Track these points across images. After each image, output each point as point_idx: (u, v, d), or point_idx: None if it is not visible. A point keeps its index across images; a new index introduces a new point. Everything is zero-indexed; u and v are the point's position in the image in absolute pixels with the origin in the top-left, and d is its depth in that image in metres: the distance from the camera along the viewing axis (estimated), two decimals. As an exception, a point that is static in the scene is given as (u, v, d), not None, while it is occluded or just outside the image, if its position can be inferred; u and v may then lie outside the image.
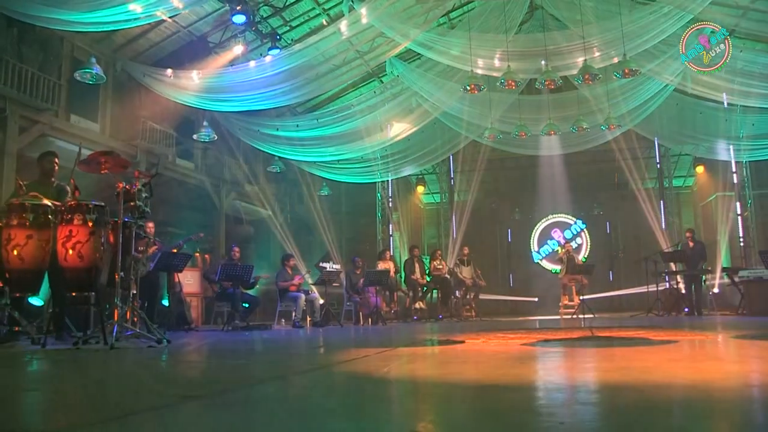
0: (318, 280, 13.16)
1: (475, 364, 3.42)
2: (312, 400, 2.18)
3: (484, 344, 5.10)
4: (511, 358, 3.68)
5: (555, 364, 3.20)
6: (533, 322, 12.22)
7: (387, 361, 3.67)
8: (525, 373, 2.81)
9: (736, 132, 17.27)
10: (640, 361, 3.27)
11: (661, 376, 2.50)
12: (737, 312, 13.13)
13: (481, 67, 13.43)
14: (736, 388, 2.15)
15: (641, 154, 21.85)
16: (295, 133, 16.32)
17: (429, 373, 2.96)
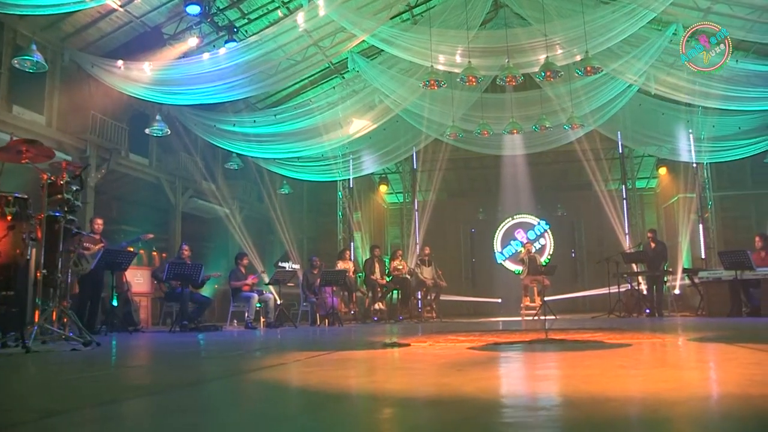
0: (271, 279, 12.74)
1: (407, 371, 3.10)
2: (178, 419, 1.83)
3: (429, 348, 4.79)
4: (450, 364, 3.37)
5: (492, 372, 2.89)
6: (493, 323, 11.97)
7: (313, 367, 3.33)
8: (454, 383, 2.49)
9: (697, 133, 17.29)
10: (586, 368, 2.97)
11: (604, 387, 2.20)
12: (696, 313, 13.06)
13: (442, 63, 13.16)
14: (683, 401, 1.86)
15: (605, 155, 21.85)
16: (252, 129, 15.88)
17: (349, 383, 2.62)
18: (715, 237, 18.42)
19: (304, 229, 23.82)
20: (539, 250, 22.97)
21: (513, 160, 20.76)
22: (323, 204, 22.59)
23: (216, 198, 19.02)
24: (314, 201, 23.68)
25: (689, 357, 3.46)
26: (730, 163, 20.39)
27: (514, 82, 11.60)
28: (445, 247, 24.60)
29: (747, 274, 11.33)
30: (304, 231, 23.78)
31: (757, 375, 2.49)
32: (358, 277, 16.15)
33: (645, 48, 14.96)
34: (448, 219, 24.75)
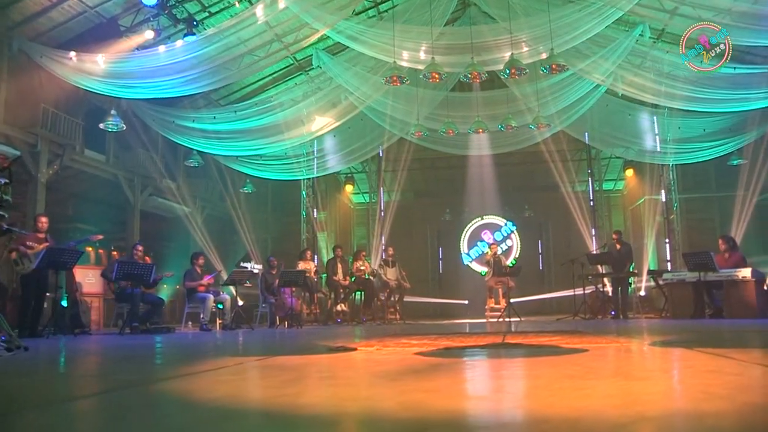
0: (227, 280, 12.32)
1: (333, 381, 2.79)
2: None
3: (374, 353, 4.49)
4: (385, 372, 3.07)
5: (427, 383, 2.60)
6: (455, 326, 11.71)
7: (233, 376, 3.01)
8: (377, 396, 2.20)
9: (663, 135, 17.26)
10: (533, 378, 2.70)
11: (543, 403, 1.94)
12: (661, 315, 12.95)
13: (406, 59, 12.87)
14: (626, 423, 1.57)
15: (573, 156, 21.79)
16: (212, 125, 15.44)
17: (257, 396, 2.32)
18: (680, 239, 18.39)
19: (268, 228, 23.39)
20: (506, 251, 22.83)
21: (480, 161, 20.60)
22: (288, 203, 22.12)
23: (176, 196, 18.55)
24: (279, 200, 23.23)
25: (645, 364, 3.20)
26: (694, 165, 20.43)
27: (478, 79, 11.37)
28: (412, 248, 24.35)
29: (710, 276, 11.23)
30: (269, 231, 23.36)
31: (713, 386, 2.23)
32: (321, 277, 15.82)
33: (612, 48, 14.89)
34: (414, 219, 24.51)
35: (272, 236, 23.20)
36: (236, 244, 22.12)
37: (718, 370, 2.84)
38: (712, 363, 3.20)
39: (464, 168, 21.32)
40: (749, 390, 2.18)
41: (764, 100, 13.99)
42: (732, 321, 9.89)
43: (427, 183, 25.04)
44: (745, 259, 11.79)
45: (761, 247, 18.69)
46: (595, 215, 20.23)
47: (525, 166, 22.08)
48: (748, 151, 17.43)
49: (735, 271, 11.02)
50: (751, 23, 12.04)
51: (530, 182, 23.32)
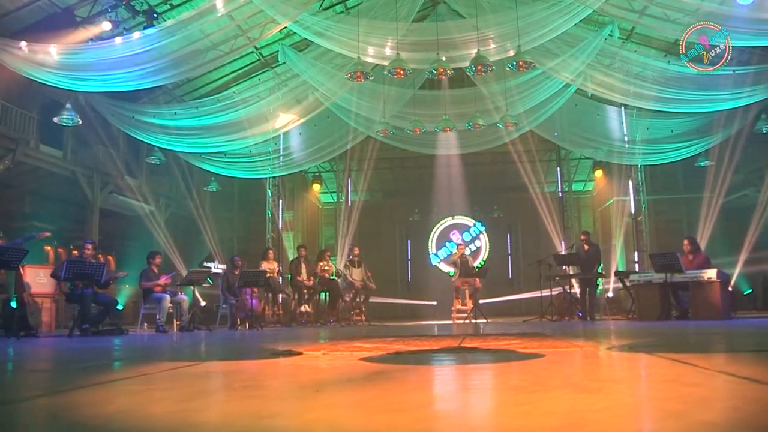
0: (184, 280, 11.90)
1: (253, 391, 2.49)
2: None
3: (318, 358, 4.20)
4: (316, 382, 2.79)
5: (354, 395, 2.33)
6: (420, 327, 11.46)
7: (146, 386, 2.70)
8: (286, 412, 1.92)
9: (631, 135, 17.20)
10: (474, 390, 2.44)
11: (474, 424, 1.67)
12: (627, 317, 12.83)
13: (371, 55, 12.59)
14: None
15: (542, 157, 21.69)
16: (173, 121, 14.98)
17: (150, 411, 2.03)
18: (648, 240, 18.35)
19: (234, 228, 22.98)
20: (475, 252, 22.68)
21: (449, 161, 20.41)
22: (254, 202, 21.68)
23: (139, 194, 18.07)
24: (245, 199, 22.79)
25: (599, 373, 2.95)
26: (663, 167, 20.47)
27: (444, 76, 11.11)
28: (381, 249, 24.12)
29: (677, 277, 11.10)
30: (234, 230, 22.94)
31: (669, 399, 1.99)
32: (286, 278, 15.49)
33: (581, 48, 14.80)
34: (383, 219, 24.29)
35: (238, 236, 22.78)
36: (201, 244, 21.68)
37: (676, 379, 2.60)
38: (672, 371, 2.96)
39: (433, 168, 21.11)
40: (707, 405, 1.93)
41: (730, 102, 13.97)
42: (697, 322, 9.77)
43: (396, 182, 24.78)
44: (710, 260, 11.72)
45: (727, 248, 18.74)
46: (564, 216, 20.12)
47: (494, 167, 21.92)
48: (714, 153, 17.47)
49: (701, 273, 10.92)
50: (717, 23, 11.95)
51: (499, 183, 23.18)
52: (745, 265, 16.79)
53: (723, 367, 2.97)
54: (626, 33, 16.27)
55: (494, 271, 22.59)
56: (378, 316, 19.36)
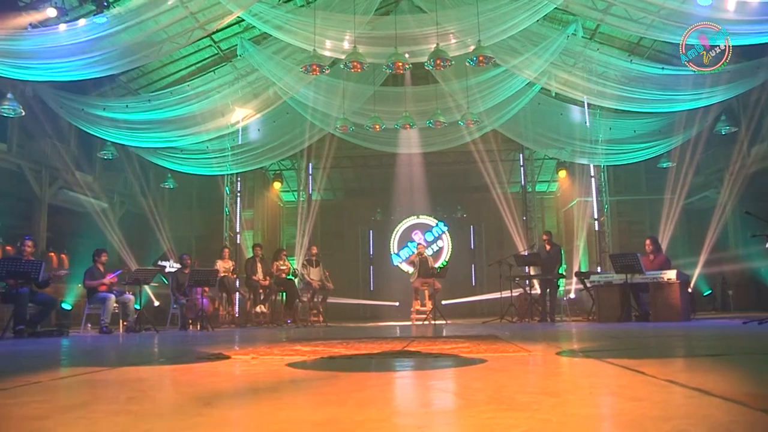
0: (129, 279, 11.39)
1: (133, 405, 2.14)
2: None
3: (243, 363, 3.87)
4: (215, 394, 2.46)
5: (238, 412, 2.02)
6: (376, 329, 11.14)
7: (16, 399, 2.32)
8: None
9: (595, 136, 17.10)
10: (382, 404, 2.13)
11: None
12: (588, 318, 12.66)
13: (329, 48, 12.25)
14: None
15: (506, 157, 21.55)
16: (125, 114, 14.42)
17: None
18: (610, 241, 18.27)
19: (192, 226, 22.39)
20: (437, 252, 22.44)
21: (412, 159, 20.15)
22: (214, 200, 21.12)
23: (91, 191, 17.48)
24: (204, 197, 22.19)
25: (537, 383, 2.65)
26: (626, 168, 20.46)
27: (402, 70, 10.83)
28: (343, 249, 23.80)
29: (637, 278, 10.95)
30: (193, 229, 22.36)
31: (605, 418, 1.69)
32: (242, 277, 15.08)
33: (545, 46, 14.66)
34: (345, 219, 23.96)
35: (196, 234, 22.20)
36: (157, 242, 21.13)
37: (619, 391, 2.31)
38: (617, 381, 2.67)
39: (396, 167, 20.83)
40: (645, 427, 1.63)
41: (690, 102, 13.95)
42: (657, 324, 9.59)
43: (359, 181, 24.45)
44: (670, 261, 11.61)
45: (688, 249, 18.80)
46: (527, 217, 19.96)
47: (458, 166, 21.68)
48: (676, 154, 17.49)
49: (660, 273, 10.78)
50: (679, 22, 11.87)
51: (463, 183, 22.97)
52: (704, 266, 16.81)
53: (673, 375, 2.69)
54: (590, 32, 16.16)
55: (457, 272, 22.38)
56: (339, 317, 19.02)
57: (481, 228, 23.37)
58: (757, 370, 2.99)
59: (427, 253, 19.96)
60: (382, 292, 22.05)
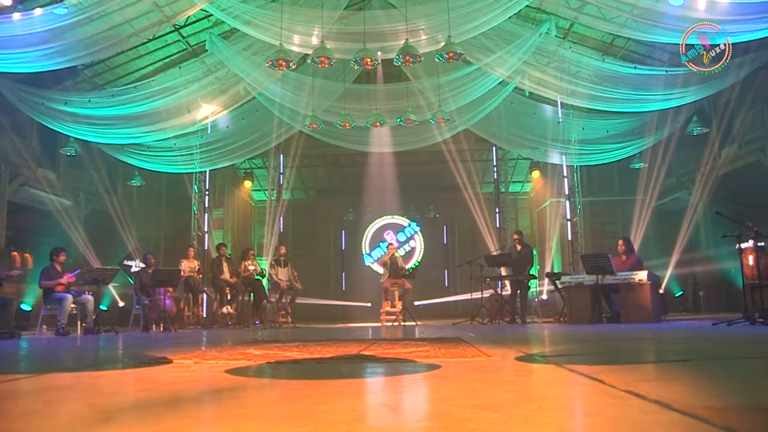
0: (87, 279, 10.97)
1: (23, 422, 1.88)
2: None
3: (184, 368, 3.60)
4: (121, 408, 2.19)
5: (136, 430, 1.71)
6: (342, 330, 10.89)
7: None
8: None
9: (568, 136, 17.01)
10: (307, 418, 1.86)
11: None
12: (559, 320, 12.51)
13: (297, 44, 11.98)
14: None
15: (479, 156, 21.40)
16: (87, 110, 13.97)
17: None
18: (582, 242, 18.16)
19: (161, 225, 21.99)
20: (409, 252, 22.24)
21: (385, 159, 19.91)
22: (183, 199, 20.73)
23: (54, 188, 17.02)
24: (174, 195, 21.74)
25: (485, 395, 2.42)
26: (599, 169, 20.42)
27: (370, 66, 10.60)
28: (316, 249, 23.52)
29: (608, 279, 10.82)
30: (162, 228, 21.96)
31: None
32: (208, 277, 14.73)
33: (518, 44, 14.53)
34: (318, 218, 23.69)
35: (166, 233, 21.81)
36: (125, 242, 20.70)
37: (571, 405, 2.10)
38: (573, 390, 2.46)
39: (368, 166, 20.58)
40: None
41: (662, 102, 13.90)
42: (627, 326, 9.45)
43: (331, 180, 24.19)
44: (642, 262, 11.49)
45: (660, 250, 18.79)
46: (499, 217, 19.79)
47: (431, 166, 21.48)
48: (648, 155, 17.48)
49: (632, 275, 10.66)
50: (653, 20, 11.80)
51: (436, 182, 22.78)
52: (676, 267, 16.80)
53: (634, 384, 2.48)
54: (563, 31, 16.05)
55: (430, 273, 22.19)
56: (310, 318, 18.75)
57: (455, 228, 23.21)
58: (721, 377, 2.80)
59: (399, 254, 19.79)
60: (354, 292, 21.79)
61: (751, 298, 9.11)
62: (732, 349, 4.82)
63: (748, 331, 7.13)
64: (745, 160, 16.21)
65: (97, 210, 19.20)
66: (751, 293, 9.16)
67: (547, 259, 19.86)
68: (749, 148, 15.92)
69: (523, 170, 22.62)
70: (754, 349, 4.82)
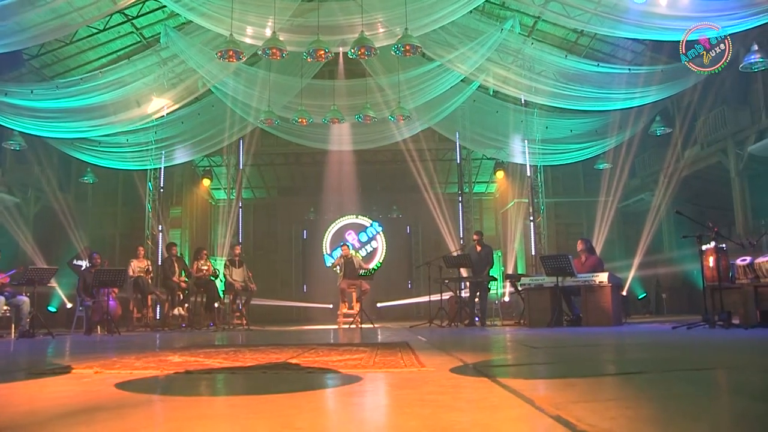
0: (22, 279, 10.32)
1: None
2: None
3: (68, 382, 3.18)
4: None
5: None
6: (295, 333, 10.44)
7: None
8: None
9: (531, 135, 16.77)
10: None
11: None
12: (519, 323, 12.20)
13: (250, 35, 11.51)
14: None
15: (443, 156, 21.11)
16: (30, 101, 13.29)
17: None
18: (546, 243, 17.89)
19: (117, 224, 21.31)
20: (371, 253, 21.85)
21: (346, 157, 19.51)
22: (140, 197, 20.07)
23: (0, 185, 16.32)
24: (131, 193, 20.98)
25: (389, 419, 2.04)
26: (564, 170, 20.26)
27: (323, 58, 10.20)
28: (277, 249, 23.07)
29: (568, 281, 10.53)
30: (117, 226, 21.28)
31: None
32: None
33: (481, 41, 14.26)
34: (279, 218, 23.21)
35: (121, 232, 21.12)
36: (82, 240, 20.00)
37: (489, 422, 1.71)
38: (493, 415, 2.09)
39: (330, 165, 20.15)
40: None
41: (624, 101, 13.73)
42: (586, 330, 9.17)
43: (293, 179, 23.70)
44: (602, 263, 11.23)
45: (624, 252, 18.67)
46: (463, 218, 19.45)
47: (394, 165, 21.10)
48: (612, 156, 17.34)
49: (592, 276, 10.39)
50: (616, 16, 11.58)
51: (399, 182, 22.42)
52: (639, 269, 16.65)
53: (567, 406, 2.11)
54: (527, 29, 15.83)
55: (393, 274, 21.87)
56: (268, 319, 18.32)
57: (418, 229, 22.88)
58: (671, 398, 2.44)
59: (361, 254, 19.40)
60: (315, 293, 21.37)
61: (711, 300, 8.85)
62: (688, 357, 4.50)
63: (706, 335, 6.87)
64: (706, 161, 16.14)
65: (47, 208, 18.45)
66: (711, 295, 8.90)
67: (510, 261, 19.63)
68: (711, 150, 15.84)
69: (487, 170, 22.38)
70: (711, 357, 4.50)
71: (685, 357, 4.47)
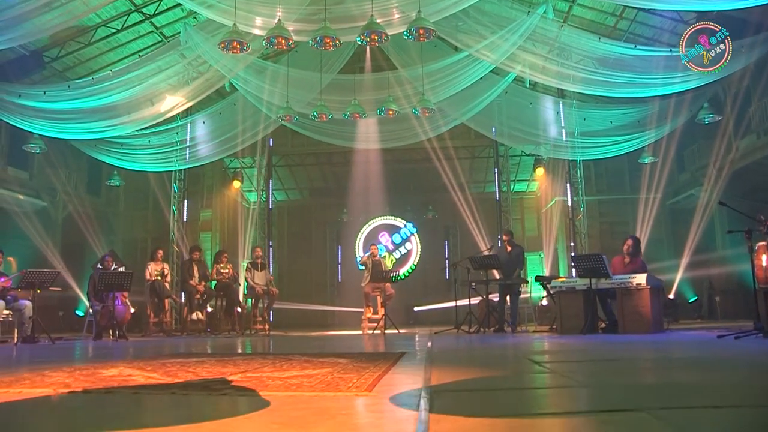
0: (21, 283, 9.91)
1: None
2: None
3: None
4: None
5: None
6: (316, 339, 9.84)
7: None
8: None
9: (569, 128, 15.79)
10: None
11: None
12: (551, 329, 11.24)
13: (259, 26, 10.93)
14: None
15: (481, 153, 20.24)
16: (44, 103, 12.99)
17: None
18: (587, 243, 16.77)
19: (148, 227, 21.07)
20: (405, 255, 21.09)
21: (378, 156, 18.78)
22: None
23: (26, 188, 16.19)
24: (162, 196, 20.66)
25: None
26: (608, 167, 19.18)
27: (331, 47, 9.54)
28: (311, 252, 22.52)
29: (603, 283, 9.62)
30: (149, 230, 21.04)
31: None
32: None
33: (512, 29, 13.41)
34: (312, 220, 22.68)
35: (152, 236, 20.83)
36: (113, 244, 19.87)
37: None
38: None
39: (361, 164, 19.47)
40: None
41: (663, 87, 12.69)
42: (619, 338, 8.25)
43: (325, 180, 23.09)
44: (645, 266, 10.19)
45: (674, 252, 17.50)
46: (500, 218, 18.46)
47: (428, 164, 20.20)
48: (658, 148, 16.17)
49: (629, 278, 9.44)
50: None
51: (435, 181, 21.46)
52: (689, 269, 15.47)
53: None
54: (562, 15, 14.89)
55: (430, 277, 21.05)
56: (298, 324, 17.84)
57: (456, 230, 21.99)
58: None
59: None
60: (349, 297, 20.68)
61: (764, 305, 7.77)
62: (718, 380, 3.55)
63: (756, 346, 5.86)
64: (763, 151, 14.80)
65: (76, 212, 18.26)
66: (765, 300, 7.81)
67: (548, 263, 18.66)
68: (767, 139, 14.55)
69: (527, 168, 21.30)
70: (753, 380, 3.58)
71: (714, 381, 3.53)
